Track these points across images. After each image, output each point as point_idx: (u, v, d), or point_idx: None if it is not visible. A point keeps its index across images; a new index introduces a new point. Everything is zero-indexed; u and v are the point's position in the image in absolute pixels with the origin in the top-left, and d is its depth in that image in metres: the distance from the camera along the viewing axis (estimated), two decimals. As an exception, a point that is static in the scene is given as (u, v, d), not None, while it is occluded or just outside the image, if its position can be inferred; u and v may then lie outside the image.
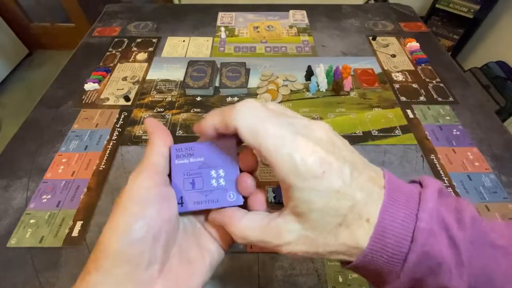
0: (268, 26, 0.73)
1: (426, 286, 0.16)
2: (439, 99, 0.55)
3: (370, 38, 0.69)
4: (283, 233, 0.17)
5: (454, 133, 0.49)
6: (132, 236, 0.16)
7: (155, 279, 0.17)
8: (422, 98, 0.55)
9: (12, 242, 0.36)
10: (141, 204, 0.17)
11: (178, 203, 0.19)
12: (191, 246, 0.20)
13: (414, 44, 0.65)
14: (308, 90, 0.57)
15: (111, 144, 0.47)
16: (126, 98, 0.54)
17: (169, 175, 0.20)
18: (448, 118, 0.51)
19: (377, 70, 0.61)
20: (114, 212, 0.17)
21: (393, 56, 0.64)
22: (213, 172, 0.19)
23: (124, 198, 0.17)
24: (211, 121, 0.18)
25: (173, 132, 0.49)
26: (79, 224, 0.38)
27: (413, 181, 0.18)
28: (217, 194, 0.19)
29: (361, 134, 0.49)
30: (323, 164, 0.15)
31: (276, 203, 0.40)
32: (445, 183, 0.42)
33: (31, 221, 0.38)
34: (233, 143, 0.20)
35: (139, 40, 0.69)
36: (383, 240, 0.15)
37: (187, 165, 0.20)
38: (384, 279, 0.17)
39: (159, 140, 0.19)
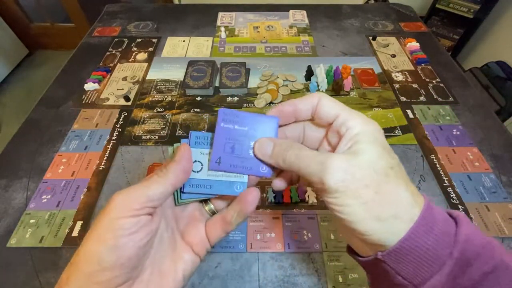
0: (268, 26, 0.73)
1: (473, 272, 0.15)
2: (439, 99, 0.55)
3: (370, 38, 0.69)
4: (336, 159, 0.17)
5: (454, 133, 0.49)
6: (102, 265, 0.16)
7: None
8: (422, 98, 0.55)
9: (12, 242, 0.36)
10: (115, 233, 0.17)
11: (215, 162, 0.21)
12: (165, 257, 0.21)
13: (414, 44, 0.65)
14: (308, 90, 0.57)
15: (111, 144, 0.47)
16: (126, 98, 0.54)
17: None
18: (448, 118, 0.51)
19: (377, 70, 0.61)
20: (89, 236, 0.17)
21: (393, 56, 0.64)
22: (252, 143, 0.21)
23: (100, 224, 0.17)
24: (292, 102, 0.21)
25: (173, 132, 0.49)
26: (79, 224, 0.38)
27: None
28: (251, 163, 0.21)
29: (361, 134, 0.49)
30: (383, 141, 0.19)
31: (276, 203, 0.40)
32: (445, 183, 0.42)
33: (31, 221, 0.38)
34: (275, 121, 0.21)
35: (139, 40, 0.69)
36: (431, 215, 0.16)
37: (231, 130, 0.21)
38: (427, 269, 0.15)
39: (174, 176, 0.19)
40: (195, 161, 0.21)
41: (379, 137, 0.18)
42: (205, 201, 0.23)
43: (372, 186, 0.16)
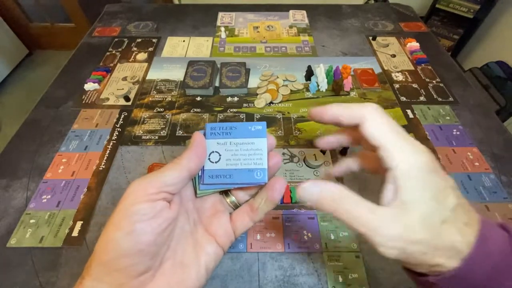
0: (268, 26, 0.73)
1: None
2: (439, 99, 0.55)
3: (370, 38, 0.69)
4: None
5: (454, 133, 0.49)
6: (119, 252, 0.17)
7: (147, 284, 0.18)
8: (422, 98, 0.55)
9: (12, 242, 0.36)
10: (131, 219, 0.17)
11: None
12: (187, 249, 0.21)
13: (414, 44, 0.65)
14: (308, 90, 0.57)
15: (111, 144, 0.47)
16: (126, 98, 0.54)
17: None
18: (448, 118, 0.51)
19: (377, 70, 0.61)
20: (107, 224, 0.18)
21: (393, 56, 0.64)
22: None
23: (118, 211, 0.18)
24: (336, 109, 0.20)
25: (173, 132, 0.49)
26: (79, 224, 0.38)
27: None
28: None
29: (361, 134, 0.48)
30: (432, 179, 0.18)
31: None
32: (445, 183, 0.42)
33: (31, 221, 0.38)
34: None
35: (139, 40, 0.69)
36: (485, 245, 0.16)
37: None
38: None
39: (188, 161, 0.20)
40: (212, 151, 0.22)
41: (426, 176, 0.17)
42: (226, 193, 0.23)
43: (426, 247, 0.16)
